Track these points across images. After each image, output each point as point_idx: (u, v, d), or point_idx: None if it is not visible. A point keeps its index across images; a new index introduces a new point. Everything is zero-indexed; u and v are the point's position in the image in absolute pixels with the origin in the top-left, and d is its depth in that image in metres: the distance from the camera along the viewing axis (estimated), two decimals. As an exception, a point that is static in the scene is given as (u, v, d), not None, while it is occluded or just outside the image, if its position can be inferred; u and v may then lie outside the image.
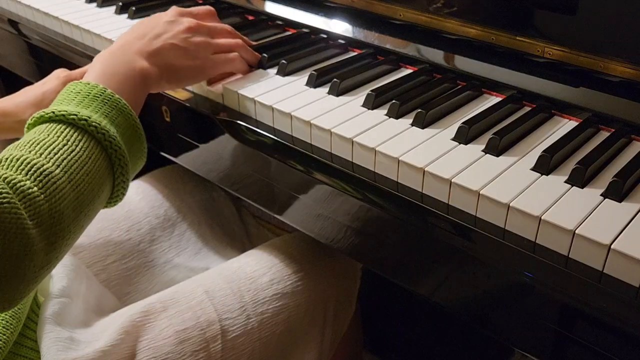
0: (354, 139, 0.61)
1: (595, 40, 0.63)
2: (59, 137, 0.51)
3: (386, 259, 0.62)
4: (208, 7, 0.76)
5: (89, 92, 0.55)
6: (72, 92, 0.56)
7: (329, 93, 0.70)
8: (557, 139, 0.60)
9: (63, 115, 0.52)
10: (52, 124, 0.52)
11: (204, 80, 0.72)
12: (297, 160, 0.65)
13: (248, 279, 0.74)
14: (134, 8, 0.95)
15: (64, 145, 0.50)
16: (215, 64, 0.70)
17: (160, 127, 0.80)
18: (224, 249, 0.89)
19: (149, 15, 0.92)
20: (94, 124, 0.52)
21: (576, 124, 0.64)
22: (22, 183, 0.45)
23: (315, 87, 0.71)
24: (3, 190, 0.44)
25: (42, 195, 0.46)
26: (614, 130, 0.63)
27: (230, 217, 0.95)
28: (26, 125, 0.54)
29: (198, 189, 0.93)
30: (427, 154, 0.58)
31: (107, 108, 0.55)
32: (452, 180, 0.54)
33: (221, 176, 0.76)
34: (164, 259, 0.85)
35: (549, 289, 0.48)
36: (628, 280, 0.46)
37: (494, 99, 0.70)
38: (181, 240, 0.88)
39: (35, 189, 0.46)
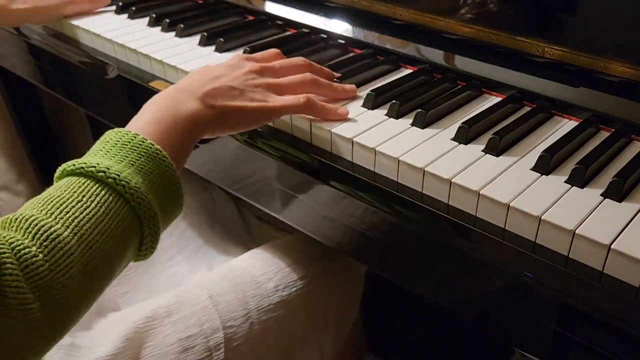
0: (354, 139, 0.61)
1: (595, 40, 0.63)
2: (74, 192, 0.47)
3: (386, 260, 0.62)
4: (274, 50, 0.70)
5: (118, 140, 0.51)
6: (102, 141, 0.52)
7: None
8: (557, 139, 0.60)
9: (82, 167, 0.48)
10: (72, 178, 0.48)
11: (266, 123, 0.66)
12: (298, 160, 0.65)
13: (254, 283, 0.73)
14: (133, 8, 0.95)
15: (78, 202, 0.46)
16: (277, 107, 0.62)
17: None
18: (225, 245, 0.89)
19: (148, 14, 0.92)
20: (112, 174, 0.48)
21: (576, 124, 0.64)
22: (27, 250, 0.42)
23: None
24: (8, 260, 0.41)
25: (47, 264, 0.42)
26: (614, 130, 0.63)
27: (231, 216, 0.95)
28: (54, 178, 0.51)
29: (198, 189, 0.93)
30: (427, 154, 0.58)
31: (135, 155, 0.50)
32: (452, 180, 0.54)
33: (221, 176, 0.76)
34: (165, 257, 0.85)
35: (549, 289, 0.48)
36: (628, 280, 0.46)
37: (494, 99, 0.70)
38: (181, 239, 0.88)
39: (40, 255, 0.42)
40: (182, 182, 0.54)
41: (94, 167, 0.48)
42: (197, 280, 0.76)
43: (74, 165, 0.49)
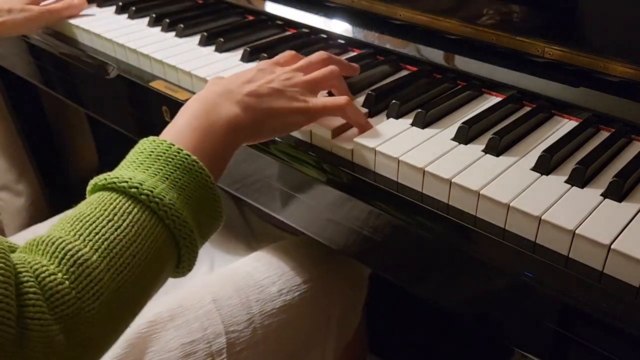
0: (354, 139, 0.61)
1: (595, 40, 0.63)
2: (105, 210, 0.44)
3: (385, 260, 0.62)
4: (291, 52, 0.67)
5: (153, 151, 0.48)
6: (136, 151, 0.49)
7: (329, 94, 0.70)
8: (557, 139, 0.60)
9: (114, 182, 0.45)
10: (104, 193, 0.45)
11: (307, 124, 0.62)
12: (298, 160, 0.65)
13: (257, 287, 0.73)
14: (133, 8, 0.95)
15: (109, 221, 0.43)
16: (319, 106, 0.60)
17: (160, 127, 0.80)
18: (227, 243, 0.88)
19: (148, 14, 0.92)
20: (145, 190, 0.44)
21: (576, 124, 0.64)
22: (52, 276, 0.39)
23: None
24: (31, 290, 0.38)
25: (74, 292, 0.39)
26: (614, 130, 0.63)
27: (232, 214, 0.95)
28: (87, 192, 0.47)
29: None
30: (427, 154, 0.58)
31: (170, 168, 0.47)
32: (452, 180, 0.54)
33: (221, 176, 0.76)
34: None
35: (549, 289, 0.48)
36: (628, 280, 0.46)
37: (494, 99, 0.70)
38: None
39: (67, 282, 0.39)
40: (223, 209, 0.51)
41: (126, 182, 0.45)
42: (200, 282, 0.76)
43: (105, 179, 0.46)
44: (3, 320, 0.35)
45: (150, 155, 0.48)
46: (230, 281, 0.73)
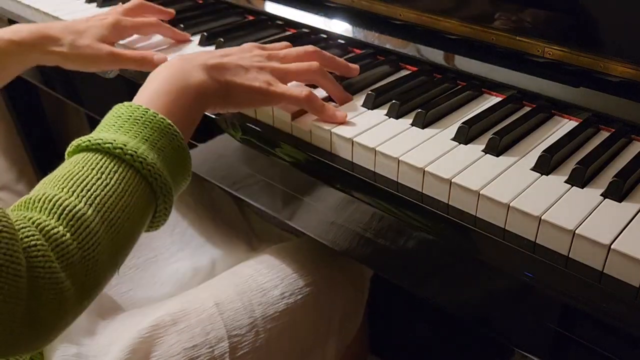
0: (354, 139, 0.61)
1: (595, 40, 0.63)
2: (93, 169, 0.47)
3: (385, 260, 0.62)
4: (284, 42, 0.72)
5: (130, 115, 0.51)
6: (114, 115, 0.52)
7: (330, 99, 0.70)
8: (557, 139, 0.60)
9: (98, 143, 0.48)
10: (88, 154, 0.49)
11: (265, 106, 0.66)
12: (298, 160, 0.65)
13: (259, 290, 0.73)
14: (134, 8, 0.95)
15: (98, 179, 0.47)
16: (278, 92, 0.62)
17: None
18: (229, 241, 0.88)
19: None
20: (129, 151, 0.48)
21: (576, 124, 0.64)
22: (55, 230, 0.43)
23: (315, 87, 0.71)
24: (38, 242, 0.41)
25: (75, 243, 0.43)
26: (614, 130, 0.63)
27: (233, 215, 0.95)
28: (66, 153, 0.51)
29: (197, 189, 0.93)
30: (427, 154, 0.58)
31: (148, 131, 0.51)
32: (452, 180, 0.54)
33: (221, 175, 0.76)
34: (167, 253, 0.85)
35: (549, 289, 0.48)
36: (628, 280, 0.46)
37: (494, 99, 0.70)
38: (184, 236, 0.88)
39: (68, 235, 0.43)
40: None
41: (111, 143, 0.48)
42: (203, 285, 0.76)
43: (89, 141, 0.49)
44: (15, 272, 0.39)
45: (129, 119, 0.51)
46: (232, 284, 0.73)
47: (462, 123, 0.61)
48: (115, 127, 0.51)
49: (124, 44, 0.83)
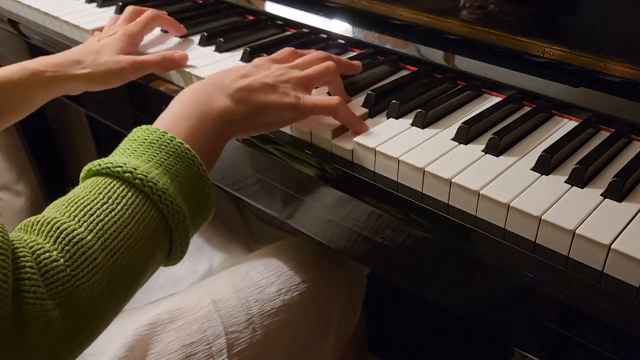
0: (354, 140, 0.61)
1: (595, 40, 0.63)
2: (100, 193, 0.44)
3: (385, 260, 0.62)
4: (289, 48, 0.68)
5: (146, 139, 0.49)
6: (130, 139, 0.50)
7: (329, 94, 0.70)
8: (557, 139, 0.60)
9: (108, 167, 0.46)
10: (98, 178, 0.46)
11: (298, 120, 0.63)
12: (298, 160, 0.65)
13: (256, 287, 0.73)
14: (134, 8, 0.95)
15: (104, 204, 0.44)
16: (309, 105, 0.60)
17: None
18: (227, 244, 0.88)
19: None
20: (140, 175, 0.45)
21: (576, 124, 0.64)
22: (47, 254, 0.40)
23: (315, 87, 0.71)
24: (27, 264, 0.39)
25: (68, 269, 0.40)
26: (614, 130, 0.63)
27: (232, 215, 0.95)
28: (80, 178, 0.49)
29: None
30: (427, 154, 0.58)
31: (163, 155, 0.48)
32: (452, 180, 0.54)
33: (221, 175, 0.76)
34: None
35: (549, 289, 0.48)
36: (628, 280, 0.46)
37: (494, 99, 0.70)
38: None
39: (62, 260, 0.40)
40: (214, 198, 0.51)
41: (120, 167, 0.46)
42: (199, 283, 0.76)
43: (99, 165, 0.47)
44: (0, 291, 0.36)
45: (144, 142, 0.48)
46: (229, 282, 0.73)
47: (462, 123, 0.61)
48: (129, 150, 0.48)
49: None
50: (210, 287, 0.73)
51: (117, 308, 0.45)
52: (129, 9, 0.83)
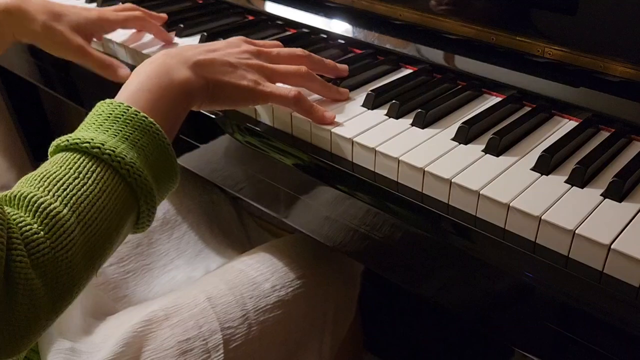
0: (354, 139, 0.61)
1: (595, 40, 0.63)
2: (70, 168, 0.46)
3: (386, 260, 0.62)
4: (275, 41, 0.70)
5: (111, 113, 0.50)
6: (95, 113, 0.52)
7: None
8: (557, 139, 0.60)
9: (76, 143, 0.48)
10: (67, 154, 0.48)
11: (252, 105, 0.66)
12: (298, 160, 0.65)
13: (250, 284, 0.73)
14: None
15: (75, 179, 0.46)
16: (266, 92, 0.61)
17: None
18: (224, 250, 0.89)
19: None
20: (107, 150, 0.47)
21: (576, 124, 0.64)
22: (29, 227, 0.42)
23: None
24: (13, 235, 0.41)
25: (48, 242, 0.42)
26: (614, 130, 0.63)
27: (230, 219, 0.95)
28: (48, 153, 0.51)
29: (197, 191, 0.93)
30: (427, 154, 0.58)
31: (128, 129, 0.50)
32: (452, 180, 0.54)
33: (223, 176, 0.76)
34: (164, 261, 0.85)
35: (549, 289, 0.48)
36: (628, 280, 0.46)
37: (494, 99, 0.70)
38: (181, 242, 0.88)
39: (42, 233, 0.42)
40: (179, 169, 0.54)
41: (88, 142, 0.47)
42: (194, 282, 0.76)
43: (67, 140, 0.48)
44: None
45: (109, 117, 0.50)
46: (223, 280, 0.74)
47: (462, 123, 0.61)
48: (95, 125, 0.50)
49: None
50: (204, 285, 0.73)
51: (93, 273, 0.47)
52: (128, 4, 0.85)
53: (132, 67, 0.76)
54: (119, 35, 0.85)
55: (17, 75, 1.11)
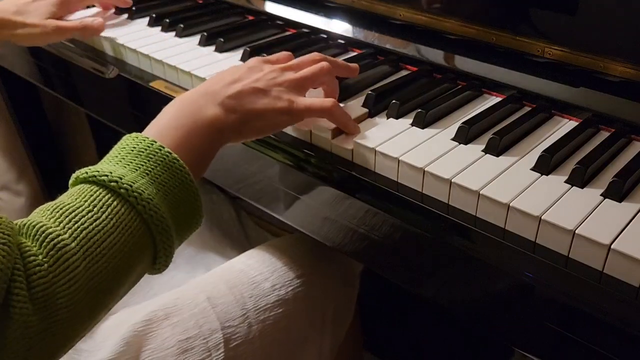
0: (354, 140, 0.61)
1: (595, 40, 0.63)
2: (85, 201, 0.45)
3: (386, 260, 0.62)
4: (286, 52, 0.67)
5: (135, 147, 0.49)
6: (119, 147, 0.50)
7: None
8: (557, 139, 0.60)
9: (94, 175, 0.46)
10: (85, 186, 0.46)
11: (292, 124, 0.63)
12: (298, 160, 0.65)
13: (250, 284, 0.73)
14: (134, 8, 0.95)
15: (89, 212, 0.44)
16: (303, 109, 0.60)
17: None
18: (223, 249, 0.89)
19: (148, 14, 0.92)
20: (125, 185, 0.45)
21: (576, 124, 0.64)
22: (33, 257, 0.41)
23: (315, 87, 0.71)
24: (16, 266, 0.39)
25: (50, 275, 0.40)
26: (614, 130, 0.63)
27: (230, 219, 0.95)
28: (69, 184, 0.49)
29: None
30: (427, 154, 0.58)
31: (151, 164, 0.48)
32: (452, 180, 0.54)
33: (224, 177, 0.76)
34: None
35: (549, 289, 0.48)
36: (628, 280, 0.46)
37: (494, 99, 0.70)
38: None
39: (45, 265, 0.40)
40: (202, 209, 0.52)
41: (107, 175, 0.46)
42: (194, 282, 0.76)
43: (86, 173, 0.47)
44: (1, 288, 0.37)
45: (132, 151, 0.49)
46: (223, 279, 0.74)
47: (462, 123, 0.61)
48: (117, 158, 0.48)
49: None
50: (204, 285, 0.73)
51: (97, 315, 0.45)
52: None
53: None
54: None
55: (17, 75, 1.11)
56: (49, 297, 0.40)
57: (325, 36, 0.85)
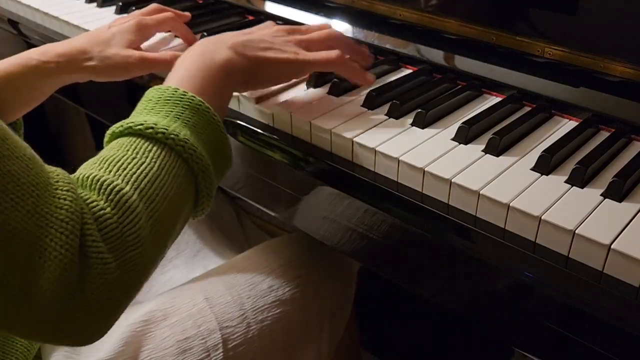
0: (354, 139, 0.61)
1: (595, 40, 0.63)
2: (128, 150, 0.47)
3: (386, 260, 0.62)
4: (306, 25, 0.72)
5: (160, 96, 0.52)
6: (144, 100, 0.53)
7: (329, 93, 0.70)
8: (557, 139, 0.60)
9: (130, 127, 0.49)
10: (122, 139, 0.49)
11: (296, 77, 0.68)
12: (298, 160, 0.65)
13: (248, 284, 0.74)
14: (134, 8, 0.95)
15: (133, 159, 0.47)
16: (308, 59, 0.63)
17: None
18: (223, 250, 0.89)
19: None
20: (161, 129, 0.48)
21: (576, 124, 0.64)
22: (95, 203, 0.43)
23: (315, 87, 0.71)
24: (88, 220, 0.42)
25: (116, 217, 0.43)
26: (614, 130, 0.63)
27: (229, 219, 0.95)
28: (104, 142, 0.52)
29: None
30: (427, 154, 0.58)
31: (179, 109, 0.51)
32: (452, 180, 0.54)
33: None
34: (164, 260, 0.85)
35: (549, 289, 0.48)
36: (628, 280, 0.46)
37: (494, 99, 0.70)
38: (180, 242, 0.88)
39: (108, 209, 0.43)
40: (231, 147, 0.55)
41: (142, 124, 0.49)
42: (192, 282, 0.76)
43: (121, 126, 0.49)
44: (69, 248, 0.40)
45: (159, 100, 0.52)
46: (222, 279, 0.74)
47: (462, 123, 0.61)
48: (147, 109, 0.51)
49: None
50: (203, 285, 0.74)
51: (160, 253, 0.48)
52: (152, 5, 0.81)
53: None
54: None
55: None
56: (119, 237, 0.43)
57: (325, 36, 0.85)
